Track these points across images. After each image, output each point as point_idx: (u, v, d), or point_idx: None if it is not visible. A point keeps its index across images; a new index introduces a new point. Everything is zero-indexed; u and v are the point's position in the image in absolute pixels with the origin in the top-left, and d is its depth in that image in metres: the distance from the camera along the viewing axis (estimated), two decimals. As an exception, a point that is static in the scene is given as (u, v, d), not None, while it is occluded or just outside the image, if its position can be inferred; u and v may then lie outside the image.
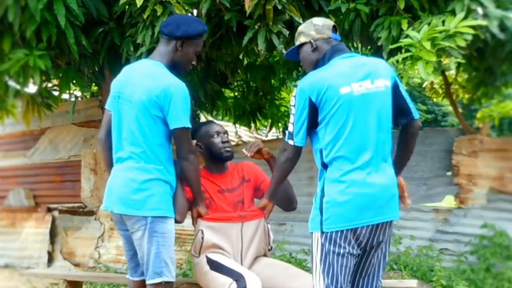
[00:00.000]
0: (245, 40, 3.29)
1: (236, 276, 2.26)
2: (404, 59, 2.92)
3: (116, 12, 3.55)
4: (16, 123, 5.08)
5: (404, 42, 2.93)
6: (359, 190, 2.02)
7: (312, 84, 2.09)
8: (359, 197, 2.02)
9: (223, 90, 5.37)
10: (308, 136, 2.16)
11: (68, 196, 5.73)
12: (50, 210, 5.81)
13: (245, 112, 5.82)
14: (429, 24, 2.98)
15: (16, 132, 6.20)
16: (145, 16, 3.21)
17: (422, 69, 2.81)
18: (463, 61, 3.21)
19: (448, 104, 9.36)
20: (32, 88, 3.94)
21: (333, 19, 3.40)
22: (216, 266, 2.38)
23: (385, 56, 3.26)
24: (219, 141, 2.57)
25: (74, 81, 4.13)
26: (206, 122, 2.77)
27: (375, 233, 2.08)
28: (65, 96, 4.83)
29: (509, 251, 4.21)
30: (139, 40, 3.34)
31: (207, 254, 2.45)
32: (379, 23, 3.37)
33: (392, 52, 3.16)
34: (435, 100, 6.48)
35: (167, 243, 2.25)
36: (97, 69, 4.29)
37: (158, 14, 3.16)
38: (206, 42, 3.56)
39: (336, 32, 2.28)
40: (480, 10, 2.99)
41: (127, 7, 3.42)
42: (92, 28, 3.76)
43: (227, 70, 4.70)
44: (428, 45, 2.82)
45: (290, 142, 2.16)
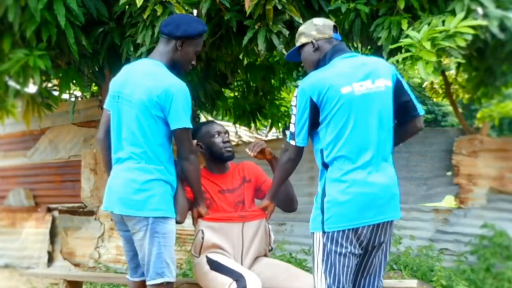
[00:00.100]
0: (245, 40, 3.28)
1: (236, 276, 2.26)
2: (404, 59, 2.92)
3: (116, 12, 3.55)
4: (16, 123, 5.07)
5: (404, 42, 2.93)
6: (360, 189, 2.03)
7: (313, 84, 2.09)
8: (360, 196, 2.03)
9: (223, 90, 5.36)
10: (309, 136, 2.16)
11: (68, 196, 5.72)
12: (50, 210, 5.80)
13: (245, 112, 5.82)
14: (429, 24, 2.98)
15: (16, 132, 6.19)
16: (145, 16, 3.21)
17: (422, 69, 2.81)
18: (463, 61, 3.21)
19: (448, 104, 9.35)
20: (32, 88, 3.93)
21: (333, 19, 3.40)
22: (216, 266, 2.37)
23: (385, 56, 3.26)
24: (220, 141, 2.57)
25: (74, 81, 4.13)
26: (207, 122, 2.76)
27: (377, 233, 2.08)
28: (65, 96, 4.82)
29: (509, 251, 4.21)
30: (139, 40, 3.34)
31: (207, 254, 2.44)
32: (379, 23, 3.36)
33: (392, 52, 3.16)
34: (435, 100, 6.48)
35: (168, 244, 2.24)
36: (97, 69, 4.29)
37: (158, 14, 3.16)
38: (206, 42, 3.56)
39: (336, 31, 2.28)
40: (480, 10, 2.99)
41: (127, 7, 3.42)
42: (92, 28, 3.76)
43: (227, 70, 4.70)
44: (428, 45, 2.81)
45: (291, 142, 2.16)
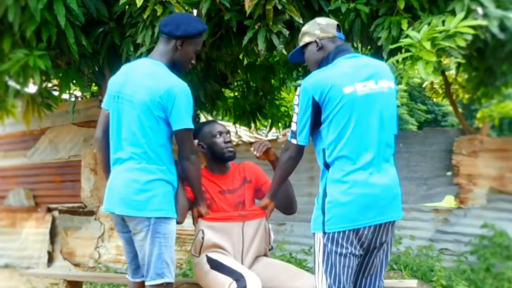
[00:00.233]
0: (245, 40, 3.28)
1: (236, 276, 2.25)
2: (404, 59, 2.92)
3: (116, 12, 3.55)
4: (16, 123, 5.07)
5: (404, 42, 2.93)
6: (362, 190, 2.02)
7: (315, 84, 2.09)
8: (361, 197, 2.02)
9: (223, 90, 5.36)
10: (311, 135, 2.16)
11: (68, 196, 5.72)
12: (50, 210, 5.80)
13: (245, 112, 5.82)
14: (429, 24, 2.97)
15: (16, 132, 6.19)
16: (145, 16, 3.21)
17: (422, 69, 2.81)
18: (463, 61, 3.21)
19: (448, 104, 9.35)
20: (32, 88, 3.93)
21: (333, 19, 3.40)
22: (217, 266, 2.37)
23: (385, 56, 3.26)
24: (222, 141, 2.56)
25: (74, 81, 4.13)
26: (208, 121, 2.75)
27: (378, 233, 2.08)
28: (65, 96, 4.83)
29: (509, 251, 4.21)
30: (139, 40, 3.34)
31: (207, 254, 2.44)
32: (379, 23, 3.36)
33: (392, 52, 3.16)
34: (435, 100, 6.48)
35: (169, 244, 2.23)
36: (97, 69, 4.29)
37: (158, 14, 3.16)
38: (206, 42, 3.56)
39: (340, 31, 2.28)
40: (480, 10, 2.99)
41: (127, 7, 3.42)
42: (92, 28, 3.76)
43: (227, 70, 4.70)
44: (428, 45, 2.81)
45: (293, 141, 2.16)
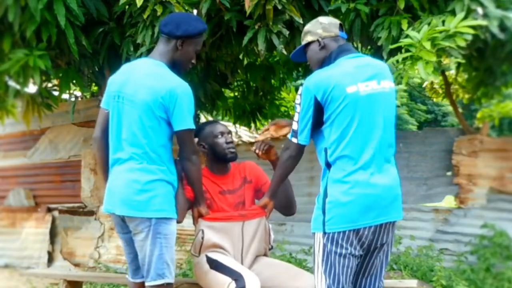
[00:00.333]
0: (245, 40, 3.28)
1: (236, 276, 2.26)
2: (404, 59, 2.92)
3: (116, 12, 3.55)
4: (16, 123, 5.08)
5: (404, 42, 2.93)
6: (363, 190, 2.02)
7: (318, 83, 2.08)
8: (362, 197, 2.02)
9: (223, 90, 5.37)
10: (312, 135, 2.15)
11: (68, 196, 5.72)
12: (50, 210, 5.80)
13: (245, 112, 5.82)
14: (429, 24, 2.97)
15: (16, 132, 6.19)
16: (145, 16, 3.21)
17: (422, 69, 2.81)
18: (463, 61, 3.21)
19: (448, 104, 9.36)
20: (32, 88, 3.93)
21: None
22: (216, 265, 2.37)
23: (385, 56, 3.26)
24: (223, 141, 2.55)
25: (74, 81, 4.13)
26: (210, 121, 2.74)
27: (378, 234, 2.08)
28: (65, 96, 4.82)
29: (509, 251, 4.21)
30: (139, 40, 3.34)
31: (207, 253, 2.44)
32: (379, 23, 3.36)
33: (392, 52, 3.16)
34: (435, 100, 6.49)
35: (169, 244, 2.23)
36: (97, 69, 4.29)
37: (158, 14, 3.15)
38: (206, 42, 3.56)
39: (342, 30, 2.27)
40: (480, 10, 2.98)
41: (127, 7, 3.41)
42: (92, 28, 3.76)
43: (227, 70, 4.70)
44: (428, 45, 2.81)
45: (293, 140, 2.16)
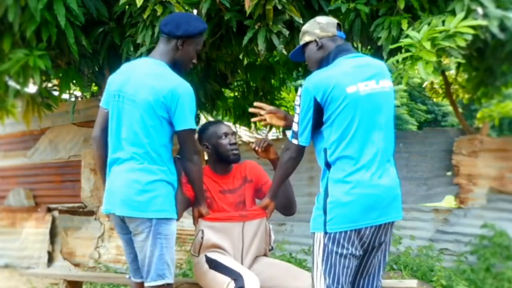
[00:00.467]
0: (245, 40, 3.28)
1: (235, 276, 2.26)
2: (404, 59, 2.92)
3: (116, 12, 3.55)
4: (16, 123, 5.07)
5: (404, 42, 2.92)
6: (364, 191, 2.02)
7: (317, 84, 2.08)
8: (363, 198, 2.02)
9: (223, 90, 5.36)
10: (311, 135, 2.15)
11: (68, 196, 5.73)
12: (50, 210, 5.80)
13: (245, 112, 5.81)
14: (429, 24, 2.97)
15: (16, 132, 6.19)
16: (145, 16, 3.21)
17: (422, 69, 2.81)
18: (463, 61, 3.20)
19: (448, 104, 9.36)
20: (32, 88, 3.93)
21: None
22: (215, 265, 2.38)
23: (385, 56, 3.26)
24: (227, 142, 2.55)
25: (74, 81, 4.13)
26: (214, 121, 2.73)
27: (378, 233, 2.08)
28: (65, 96, 4.83)
29: (509, 251, 4.21)
30: (139, 40, 3.34)
31: (207, 253, 2.45)
32: (379, 23, 3.36)
33: (392, 52, 3.16)
34: (435, 100, 6.49)
35: (169, 245, 2.22)
36: (97, 69, 4.29)
37: (158, 14, 3.15)
38: (206, 42, 3.56)
39: (340, 29, 2.27)
40: (480, 10, 2.98)
41: (127, 7, 3.42)
42: (92, 28, 3.75)
43: (227, 70, 4.69)
44: (428, 45, 2.81)
45: (294, 141, 2.15)
